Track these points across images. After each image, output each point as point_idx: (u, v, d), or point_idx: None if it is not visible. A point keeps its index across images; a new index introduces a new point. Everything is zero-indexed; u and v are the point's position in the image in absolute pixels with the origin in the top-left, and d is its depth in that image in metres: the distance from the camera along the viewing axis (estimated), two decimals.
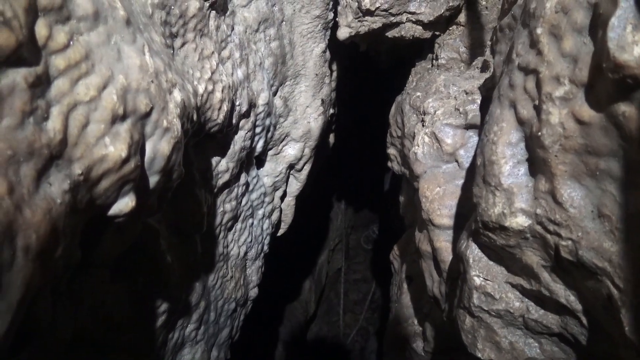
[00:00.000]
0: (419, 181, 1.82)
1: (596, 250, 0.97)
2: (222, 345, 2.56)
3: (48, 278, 0.90)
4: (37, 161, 0.81)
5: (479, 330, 1.34)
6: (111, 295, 1.45)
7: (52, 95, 0.89)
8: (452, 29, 2.49)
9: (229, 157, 2.14)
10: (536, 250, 1.14)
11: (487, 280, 1.30)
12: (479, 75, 1.93)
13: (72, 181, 0.92)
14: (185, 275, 1.96)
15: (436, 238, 1.73)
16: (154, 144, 1.20)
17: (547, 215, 1.06)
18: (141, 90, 1.12)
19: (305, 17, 2.44)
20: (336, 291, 7.04)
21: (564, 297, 1.12)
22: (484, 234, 1.25)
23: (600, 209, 0.96)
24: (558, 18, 1.01)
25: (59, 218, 0.87)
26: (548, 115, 1.02)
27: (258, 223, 2.69)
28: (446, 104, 1.81)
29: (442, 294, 1.80)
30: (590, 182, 0.98)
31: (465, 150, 1.74)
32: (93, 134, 0.98)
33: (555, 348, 1.25)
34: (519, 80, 1.13)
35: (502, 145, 1.17)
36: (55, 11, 0.90)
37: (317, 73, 2.62)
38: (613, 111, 0.87)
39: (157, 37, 1.40)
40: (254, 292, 2.86)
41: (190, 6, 1.61)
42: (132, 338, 1.63)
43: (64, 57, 0.92)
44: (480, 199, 1.24)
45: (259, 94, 2.23)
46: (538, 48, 1.06)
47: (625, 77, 0.81)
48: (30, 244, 0.78)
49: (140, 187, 1.16)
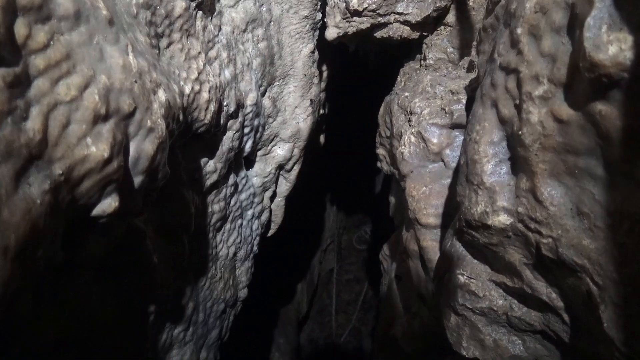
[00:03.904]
0: (405, 181, 1.83)
1: (575, 247, 0.98)
2: (211, 346, 2.55)
3: (28, 279, 0.89)
4: (15, 161, 0.81)
5: (464, 328, 1.35)
6: (96, 296, 1.44)
7: (32, 95, 0.89)
8: (440, 29, 2.50)
9: (217, 158, 2.13)
10: (518, 248, 1.15)
11: (471, 279, 1.31)
12: (465, 75, 1.95)
13: (53, 181, 0.92)
14: (173, 276, 1.96)
15: (423, 237, 1.74)
16: (138, 144, 1.20)
17: (528, 214, 1.07)
18: (124, 90, 1.12)
19: (293, 17, 2.44)
20: (328, 292, 7.04)
21: (545, 294, 1.14)
22: (467, 233, 1.26)
23: (579, 207, 0.97)
24: (537, 18, 1.02)
25: (39, 218, 0.86)
26: (528, 114, 1.03)
27: (247, 224, 2.69)
28: (432, 104, 1.82)
29: (429, 293, 1.81)
30: (569, 180, 0.99)
31: (452, 149, 1.76)
32: (74, 134, 0.98)
33: (538, 345, 1.27)
34: (500, 80, 1.15)
35: (485, 145, 1.18)
36: (34, 10, 0.90)
37: (305, 73, 2.62)
38: (590, 110, 0.89)
39: (142, 37, 1.39)
40: (243, 293, 2.85)
41: (176, 6, 1.61)
42: (118, 339, 1.62)
43: (44, 56, 0.92)
44: (464, 197, 1.25)
45: (247, 95, 2.23)
46: (518, 48, 1.07)
47: (601, 76, 0.82)
48: (9, 245, 0.78)
49: (124, 188, 1.16)
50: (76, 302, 1.34)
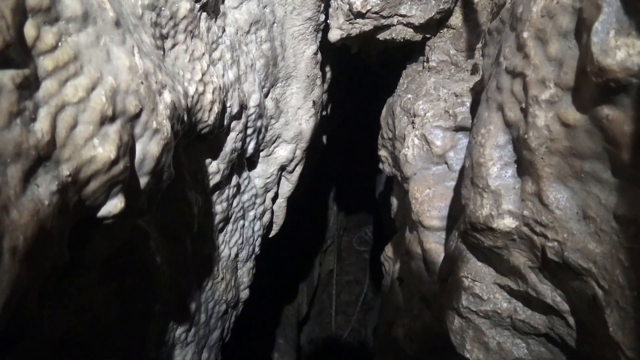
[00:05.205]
0: (409, 183, 1.83)
1: (581, 251, 0.98)
2: (212, 347, 2.55)
3: (35, 279, 0.89)
4: (24, 162, 0.81)
5: (468, 331, 1.35)
6: (99, 297, 1.44)
7: (40, 97, 0.89)
8: (442, 31, 2.51)
9: (220, 159, 2.14)
10: (523, 252, 1.15)
11: (475, 281, 1.31)
12: (469, 78, 1.95)
13: (60, 182, 0.92)
14: (175, 277, 1.96)
15: (426, 239, 1.74)
16: (144, 145, 1.20)
17: (533, 217, 1.08)
18: (130, 91, 1.12)
19: (296, 19, 2.45)
20: (328, 293, 7.05)
21: (550, 297, 1.14)
22: (472, 235, 1.26)
23: (585, 211, 0.98)
24: (544, 22, 1.02)
25: (47, 219, 0.87)
26: (534, 118, 1.03)
27: (249, 224, 2.69)
28: (436, 106, 1.82)
29: (432, 295, 1.81)
30: (575, 184, 0.99)
31: (455, 152, 1.76)
32: (82, 135, 0.98)
33: (542, 348, 1.27)
34: (506, 83, 1.15)
35: (490, 148, 1.18)
36: (43, 12, 0.90)
37: (308, 75, 2.63)
38: (597, 114, 0.89)
39: (147, 38, 1.40)
40: (245, 294, 2.85)
41: (181, 7, 1.61)
42: (121, 339, 1.62)
43: (53, 58, 0.92)
44: (469, 200, 1.25)
45: (250, 96, 2.23)
46: (525, 52, 1.07)
47: (608, 80, 0.82)
48: (18, 245, 0.78)
49: (129, 189, 1.16)
50: (80, 302, 1.34)
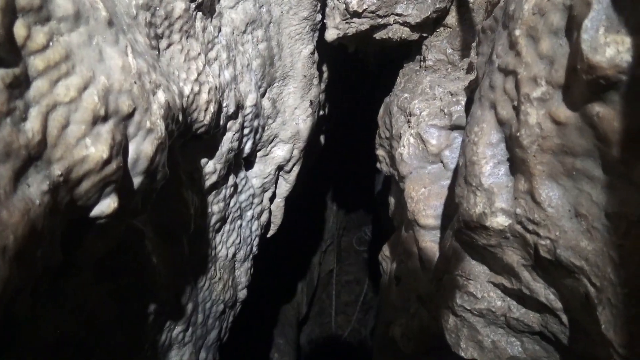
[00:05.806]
0: (404, 182, 1.83)
1: (573, 249, 0.98)
2: (210, 347, 2.55)
3: (27, 279, 0.89)
4: (14, 162, 0.81)
5: (462, 329, 1.35)
6: (94, 297, 1.44)
7: (31, 96, 0.89)
8: (439, 30, 2.51)
9: (217, 159, 2.14)
10: (516, 250, 1.15)
11: (469, 280, 1.31)
12: (464, 77, 1.95)
13: (52, 182, 0.92)
14: (172, 277, 1.96)
15: (422, 238, 1.74)
16: (137, 145, 1.20)
17: (526, 215, 1.08)
18: (123, 91, 1.12)
19: (293, 18, 2.45)
20: (328, 293, 7.04)
21: (543, 295, 1.14)
22: (466, 234, 1.27)
23: (577, 209, 0.98)
24: (535, 20, 1.02)
25: (38, 219, 0.87)
26: (526, 115, 1.03)
27: (247, 224, 2.69)
28: (431, 105, 1.82)
29: (428, 294, 1.81)
30: (567, 182, 0.99)
31: (451, 151, 1.76)
32: (73, 134, 0.98)
33: (536, 346, 1.27)
34: (498, 81, 1.15)
35: (483, 146, 1.18)
36: (34, 11, 0.90)
37: (305, 74, 2.63)
38: (588, 112, 0.89)
39: (142, 38, 1.40)
40: (242, 294, 2.85)
41: (176, 7, 1.61)
42: (117, 340, 1.62)
43: (43, 57, 0.92)
44: (462, 198, 1.25)
45: (246, 96, 2.23)
46: (516, 49, 1.07)
47: (598, 78, 0.82)
48: (8, 245, 0.78)
49: (123, 189, 1.16)
50: (75, 302, 1.34)
